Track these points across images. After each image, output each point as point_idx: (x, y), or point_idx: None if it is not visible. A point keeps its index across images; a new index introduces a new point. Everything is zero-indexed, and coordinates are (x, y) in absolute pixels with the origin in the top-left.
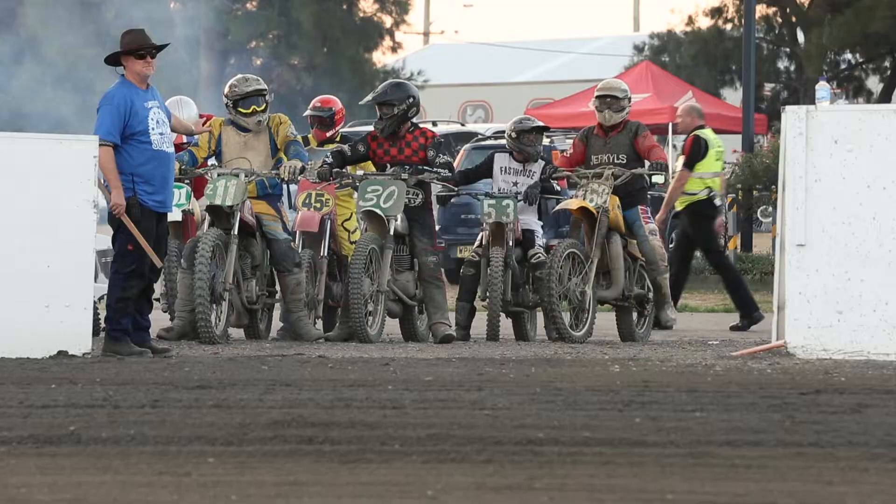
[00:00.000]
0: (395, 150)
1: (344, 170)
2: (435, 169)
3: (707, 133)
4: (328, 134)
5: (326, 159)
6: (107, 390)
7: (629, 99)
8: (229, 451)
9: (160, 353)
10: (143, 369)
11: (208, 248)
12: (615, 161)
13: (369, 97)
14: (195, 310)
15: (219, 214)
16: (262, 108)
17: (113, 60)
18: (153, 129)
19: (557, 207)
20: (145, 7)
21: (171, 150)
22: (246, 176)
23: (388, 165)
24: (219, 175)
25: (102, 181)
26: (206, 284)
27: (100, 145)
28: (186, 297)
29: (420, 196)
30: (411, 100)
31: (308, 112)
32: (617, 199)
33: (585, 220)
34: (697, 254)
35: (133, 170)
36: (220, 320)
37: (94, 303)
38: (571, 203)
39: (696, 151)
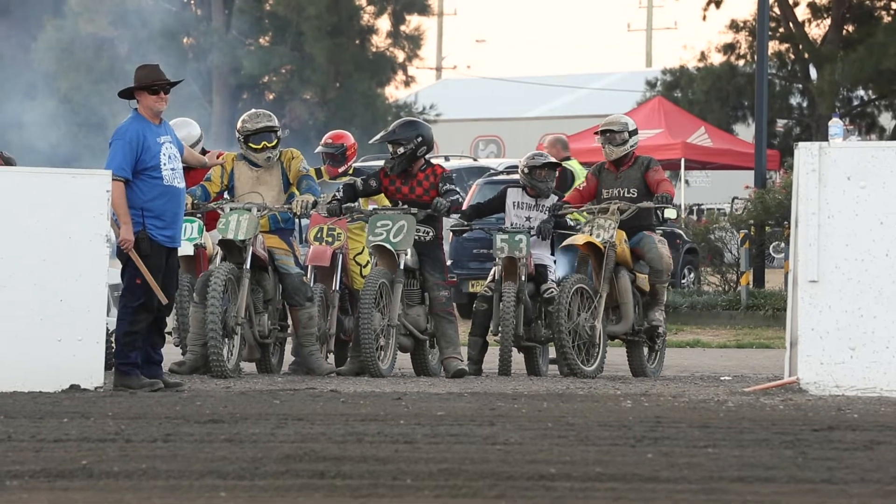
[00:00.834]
0: (406, 189)
1: (355, 204)
2: (440, 200)
3: (573, 164)
4: (340, 170)
5: (337, 193)
6: (119, 424)
7: (631, 132)
8: (241, 486)
9: (172, 387)
10: (154, 403)
11: (220, 283)
12: (626, 195)
13: (378, 137)
14: (207, 344)
15: (231, 249)
16: (273, 143)
17: (127, 94)
18: (165, 164)
19: (564, 243)
20: (158, 42)
21: (183, 185)
22: (258, 210)
23: (400, 203)
24: (231, 209)
25: (112, 216)
26: (218, 318)
27: (111, 180)
28: (198, 331)
29: (431, 233)
30: (420, 139)
31: (320, 148)
32: (623, 233)
33: (593, 255)
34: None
35: (143, 204)
36: (232, 354)
37: (108, 336)
38: (578, 238)
39: (562, 183)
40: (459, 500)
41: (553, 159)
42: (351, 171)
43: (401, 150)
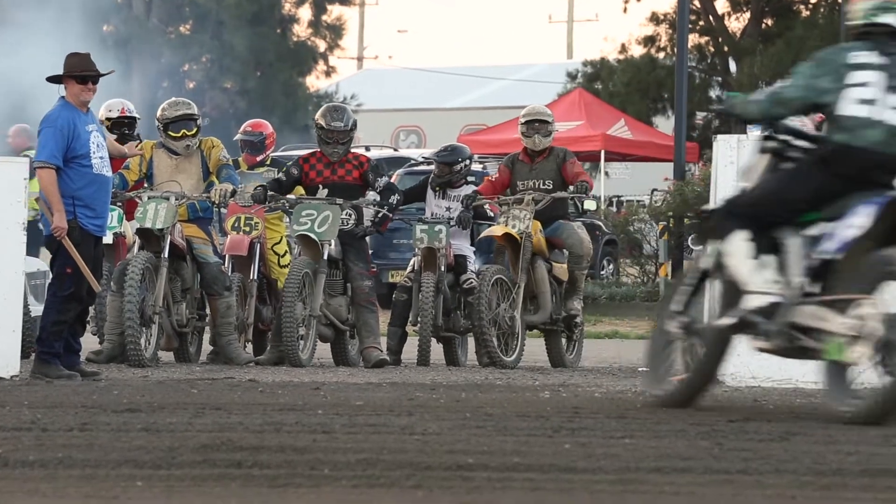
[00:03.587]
0: (328, 172)
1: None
2: (383, 202)
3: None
4: (258, 158)
5: (264, 183)
6: (35, 413)
7: (552, 123)
8: (158, 475)
9: (89, 376)
10: (71, 392)
11: (138, 271)
12: (541, 186)
13: (331, 127)
14: (124, 333)
15: (149, 237)
16: (193, 132)
17: (55, 79)
18: (94, 152)
19: (482, 235)
20: (76, 28)
21: (110, 174)
22: (176, 199)
23: (321, 186)
24: (149, 198)
25: (46, 203)
26: (135, 307)
27: (43, 168)
28: (116, 320)
29: (353, 217)
30: (355, 122)
31: (238, 136)
32: (539, 223)
33: (509, 246)
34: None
35: (74, 193)
36: (149, 343)
37: (26, 324)
38: (496, 230)
39: None
40: (377, 489)
41: (450, 159)
42: (268, 161)
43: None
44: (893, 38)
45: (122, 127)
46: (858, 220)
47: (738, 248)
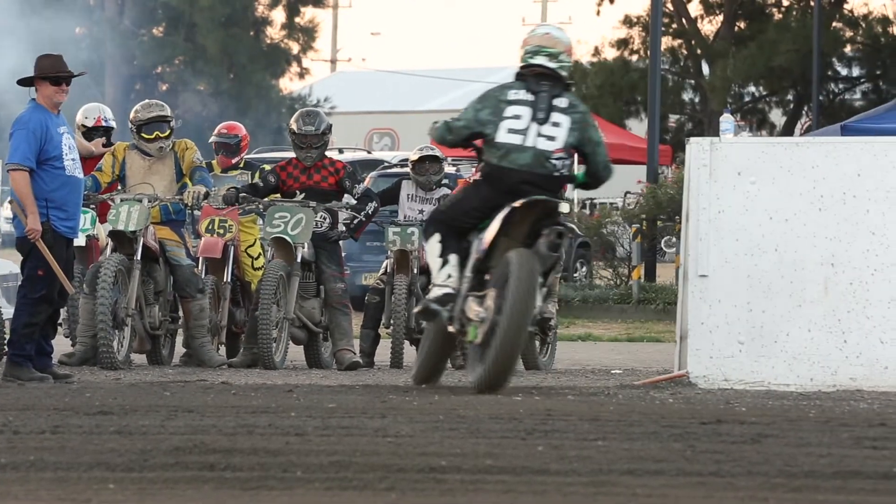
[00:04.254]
0: (304, 177)
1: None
2: (361, 212)
3: None
4: (233, 161)
5: (237, 186)
6: (6, 416)
7: None
8: (130, 478)
9: (61, 379)
10: (43, 395)
11: (111, 274)
12: None
13: (302, 132)
14: (97, 335)
15: (122, 240)
16: (166, 134)
17: (27, 82)
18: (66, 154)
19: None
20: (49, 32)
21: (82, 175)
22: (149, 201)
23: (298, 192)
24: (122, 200)
25: (19, 205)
26: (108, 310)
27: (16, 170)
28: (88, 323)
29: (327, 220)
30: (330, 128)
31: (213, 138)
32: None
33: None
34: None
35: (46, 195)
36: (122, 346)
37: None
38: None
39: None
40: (349, 492)
41: (435, 153)
42: (242, 164)
43: (319, 143)
44: (542, 78)
45: (95, 135)
46: (494, 225)
47: (431, 248)
